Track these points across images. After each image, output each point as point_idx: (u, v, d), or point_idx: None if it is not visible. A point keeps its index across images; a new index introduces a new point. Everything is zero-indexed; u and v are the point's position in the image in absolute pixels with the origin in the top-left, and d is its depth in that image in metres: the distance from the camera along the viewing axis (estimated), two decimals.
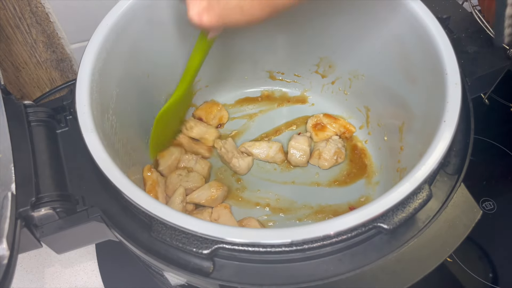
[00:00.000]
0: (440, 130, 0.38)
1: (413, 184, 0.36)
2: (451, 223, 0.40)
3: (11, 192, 0.35)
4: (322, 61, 0.60)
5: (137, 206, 0.35)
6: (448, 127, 0.38)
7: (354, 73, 0.58)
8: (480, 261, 0.60)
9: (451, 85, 0.41)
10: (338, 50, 0.58)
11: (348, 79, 0.59)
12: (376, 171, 0.58)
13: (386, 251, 0.36)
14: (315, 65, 0.61)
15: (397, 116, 0.53)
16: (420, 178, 0.36)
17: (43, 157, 0.40)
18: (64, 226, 0.37)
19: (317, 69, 0.61)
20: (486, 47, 0.50)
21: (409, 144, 0.50)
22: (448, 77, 0.41)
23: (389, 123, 0.56)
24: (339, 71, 0.60)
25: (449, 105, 0.40)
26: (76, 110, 0.40)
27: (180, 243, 0.35)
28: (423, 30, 0.44)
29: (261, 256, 0.35)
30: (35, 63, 0.64)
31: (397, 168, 0.52)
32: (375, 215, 0.34)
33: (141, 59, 0.51)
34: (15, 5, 0.55)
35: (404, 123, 0.52)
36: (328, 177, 0.58)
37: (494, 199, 0.65)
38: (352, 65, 0.58)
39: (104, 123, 0.43)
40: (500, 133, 0.71)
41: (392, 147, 0.55)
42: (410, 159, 0.49)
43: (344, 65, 0.59)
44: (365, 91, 0.59)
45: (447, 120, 0.39)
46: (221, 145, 0.58)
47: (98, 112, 0.42)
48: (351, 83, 0.60)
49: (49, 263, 0.62)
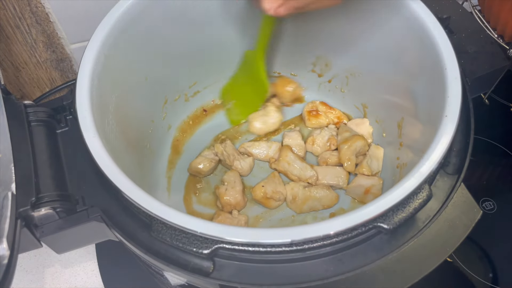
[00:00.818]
0: (442, 124, 0.38)
1: (413, 184, 0.36)
2: (451, 223, 0.40)
3: (11, 192, 0.35)
4: (318, 60, 0.60)
5: (137, 205, 0.35)
6: (450, 121, 0.38)
7: (351, 71, 0.58)
8: (480, 261, 0.60)
9: (451, 79, 0.41)
10: (335, 49, 0.57)
11: (345, 77, 0.59)
12: None
13: (386, 251, 0.36)
14: (311, 63, 0.61)
15: (395, 112, 0.53)
16: (420, 178, 0.36)
17: (43, 157, 0.40)
18: (64, 226, 0.37)
19: (313, 68, 0.61)
20: (486, 47, 0.50)
21: (409, 140, 0.51)
22: (447, 72, 0.41)
23: (388, 119, 0.56)
24: (336, 69, 0.60)
25: (450, 99, 0.40)
26: (77, 110, 0.40)
27: (180, 243, 0.35)
28: (422, 28, 0.44)
29: (261, 256, 0.35)
30: (35, 63, 0.64)
31: (397, 165, 0.52)
32: (375, 215, 0.34)
33: (141, 59, 0.51)
34: (15, 5, 0.55)
35: (403, 118, 0.52)
36: None
37: (494, 199, 0.65)
38: (350, 63, 0.58)
39: (104, 123, 0.43)
40: (500, 133, 0.71)
41: (391, 144, 0.55)
42: (410, 155, 0.49)
43: (341, 63, 0.59)
44: (362, 88, 0.59)
45: (449, 115, 0.39)
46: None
47: (98, 112, 0.42)
48: (347, 81, 0.60)
49: (49, 263, 0.61)
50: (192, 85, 0.61)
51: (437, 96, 0.42)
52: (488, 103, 0.65)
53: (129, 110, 0.50)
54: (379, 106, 0.58)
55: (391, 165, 0.54)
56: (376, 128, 0.59)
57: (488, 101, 0.65)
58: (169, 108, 0.59)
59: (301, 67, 0.62)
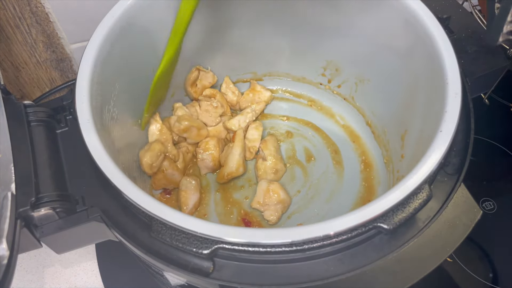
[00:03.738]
0: (435, 140, 0.38)
1: (413, 184, 0.36)
2: (451, 223, 0.40)
3: (11, 192, 0.35)
4: (329, 65, 0.60)
5: (137, 206, 0.35)
6: (443, 137, 0.38)
7: (360, 77, 0.58)
8: (480, 261, 0.60)
9: (451, 94, 0.40)
10: (344, 54, 0.57)
11: (354, 83, 0.59)
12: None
13: (386, 251, 0.36)
14: (321, 67, 0.61)
15: (400, 124, 0.53)
16: (420, 178, 0.36)
17: (43, 157, 0.40)
18: (64, 226, 0.37)
19: (323, 72, 0.61)
20: (486, 47, 0.50)
21: (408, 153, 0.50)
22: (448, 87, 0.40)
23: (392, 129, 0.55)
24: (345, 75, 0.60)
25: (447, 114, 0.39)
26: (76, 110, 0.40)
27: (180, 243, 0.35)
28: (428, 38, 0.44)
29: (261, 256, 0.35)
30: (35, 63, 0.64)
31: (397, 177, 0.52)
32: (375, 215, 0.34)
33: (141, 59, 0.51)
34: (15, 5, 0.55)
35: (406, 131, 0.51)
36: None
37: (494, 199, 0.65)
38: (359, 69, 0.57)
39: (103, 123, 0.43)
40: (500, 133, 0.71)
41: (393, 155, 0.54)
42: (408, 168, 0.49)
43: (351, 69, 0.59)
44: (370, 96, 0.58)
45: (444, 130, 0.38)
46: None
47: (98, 112, 0.42)
48: (357, 88, 0.59)
49: (49, 263, 0.61)
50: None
51: (435, 111, 0.41)
52: (488, 103, 0.65)
53: (130, 106, 0.51)
54: (386, 115, 0.57)
55: (390, 179, 0.54)
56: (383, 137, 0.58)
57: (488, 101, 0.65)
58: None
59: (311, 71, 0.62)
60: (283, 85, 0.65)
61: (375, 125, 0.59)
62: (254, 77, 0.64)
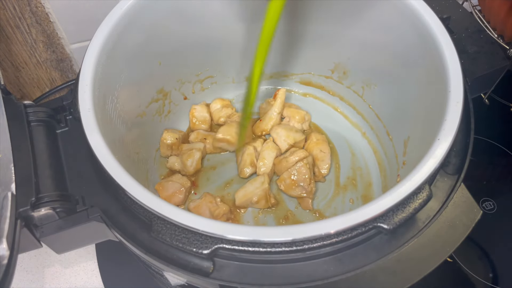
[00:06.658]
0: (432, 148, 0.38)
1: (413, 184, 0.36)
2: (451, 223, 0.40)
3: (11, 192, 0.35)
4: (337, 67, 0.60)
5: (138, 202, 0.35)
6: (440, 145, 0.38)
7: (367, 82, 0.58)
8: (480, 261, 0.60)
9: (452, 103, 0.40)
10: (352, 56, 0.57)
11: (361, 87, 0.59)
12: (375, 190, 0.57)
13: (386, 251, 0.36)
14: (329, 70, 0.61)
15: (403, 129, 0.52)
16: (420, 178, 0.36)
17: (43, 157, 0.40)
18: (64, 226, 0.37)
19: (331, 74, 0.61)
20: (486, 47, 0.50)
21: (409, 160, 0.50)
22: (450, 95, 0.40)
23: (396, 135, 0.55)
24: (353, 78, 0.60)
25: (447, 123, 0.39)
26: (79, 108, 0.40)
27: (180, 243, 0.35)
28: (433, 44, 0.44)
29: (261, 256, 0.35)
30: (35, 63, 0.64)
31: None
32: (375, 215, 0.34)
33: (141, 60, 0.51)
34: (15, 5, 0.55)
35: (409, 137, 0.50)
36: None
37: (494, 199, 0.65)
38: (366, 73, 0.57)
39: (106, 121, 0.43)
40: (500, 133, 0.71)
41: (395, 161, 0.54)
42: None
43: (358, 72, 0.58)
44: (376, 100, 0.58)
45: (441, 138, 0.38)
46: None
47: (101, 110, 0.42)
48: (363, 92, 0.59)
49: (49, 263, 0.62)
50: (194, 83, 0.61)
51: (435, 119, 0.41)
52: (488, 103, 0.65)
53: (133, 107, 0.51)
54: (391, 120, 0.56)
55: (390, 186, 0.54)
56: (386, 142, 0.58)
57: (488, 101, 0.65)
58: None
59: (319, 73, 0.62)
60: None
61: (379, 130, 0.59)
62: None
